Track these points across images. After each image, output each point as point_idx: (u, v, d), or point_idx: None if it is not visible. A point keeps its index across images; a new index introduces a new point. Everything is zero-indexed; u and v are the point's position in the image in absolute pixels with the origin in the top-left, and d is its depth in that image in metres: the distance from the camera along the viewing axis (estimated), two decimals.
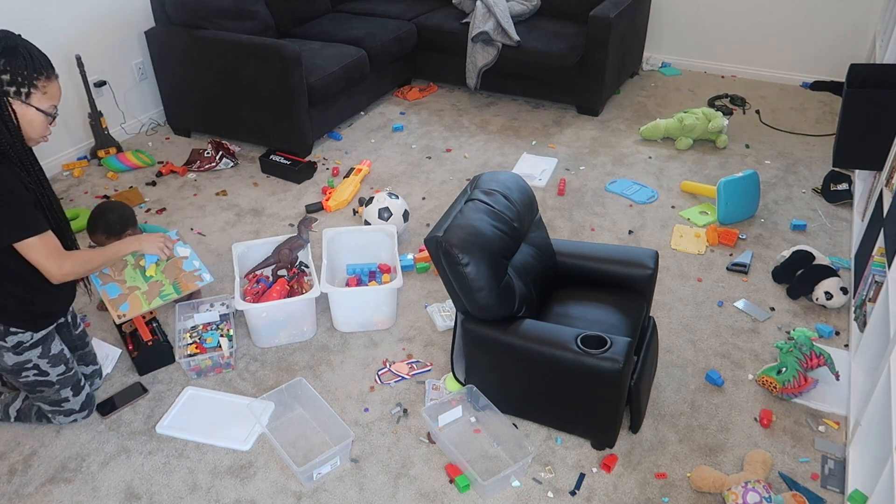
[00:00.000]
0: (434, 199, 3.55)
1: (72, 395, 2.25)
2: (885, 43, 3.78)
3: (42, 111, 1.88)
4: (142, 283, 2.30)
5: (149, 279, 2.31)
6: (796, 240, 3.19)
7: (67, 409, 2.27)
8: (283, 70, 3.58)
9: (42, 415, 2.28)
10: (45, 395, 2.20)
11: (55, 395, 2.21)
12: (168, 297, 2.28)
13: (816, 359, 2.37)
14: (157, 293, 2.28)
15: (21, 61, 1.81)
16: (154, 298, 2.28)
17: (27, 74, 1.82)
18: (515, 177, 2.34)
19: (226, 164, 3.83)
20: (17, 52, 1.81)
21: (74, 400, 2.27)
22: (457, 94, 4.71)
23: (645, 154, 3.94)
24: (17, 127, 1.85)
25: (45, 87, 1.86)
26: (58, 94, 1.92)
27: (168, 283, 2.30)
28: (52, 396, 2.21)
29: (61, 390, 2.21)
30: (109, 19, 3.89)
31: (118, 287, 2.29)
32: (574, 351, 2.01)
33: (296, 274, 2.78)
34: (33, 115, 1.87)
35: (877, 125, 2.84)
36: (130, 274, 2.32)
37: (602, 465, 2.15)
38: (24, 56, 1.82)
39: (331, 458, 2.12)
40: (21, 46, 1.83)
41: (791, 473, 2.12)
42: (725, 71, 4.96)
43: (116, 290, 2.28)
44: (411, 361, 2.56)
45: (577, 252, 2.44)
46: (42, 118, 1.89)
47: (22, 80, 1.82)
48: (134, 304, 2.26)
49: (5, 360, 2.06)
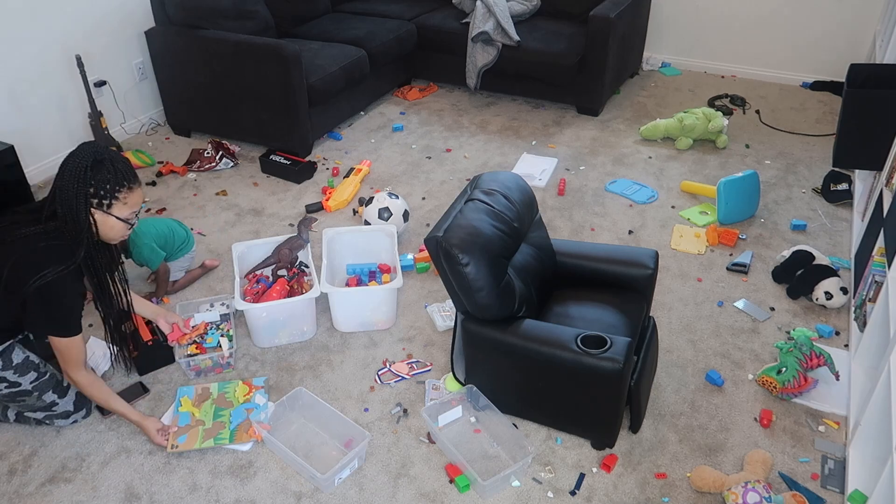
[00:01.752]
0: (434, 199, 3.55)
1: (57, 397, 2.20)
2: (885, 43, 3.78)
3: (121, 219, 2.00)
4: (209, 419, 2.29)
5: (219, 416, 2.31)
6: (796, 240, 3.19)
7: (61, 411, 2.24)
8: (283, 70, 3.58)
9: (40, 421, 2.27)
10: (30, 404, 2.17)
11: (38, 401, 2.17)
12: (221, 441, 2.23)
13: (816, 359, 2.37)
14: (214, 434, 2.25)
15: (106, 175, 1.93)
16: (208, 439, 2.23)
17: (110, 188, 1.94)
18: (515, 177, 2.34)
19: (226, 164, 3.83)
20: (103, 167, 1.93)
21: (64, 401, 2.23)
22: (457, 94, 4.71)
23: (645, 154, 3.94)
24: (97, 234, 1.99)
25: (126, 198, 1.98)
26: (139, 202, 2.03)
27: (227, 430, 2.26)
28: (37, 403, 2.18)
29: (42, 395, 2.17)
30: (109, 19, 3.89)
31: (189, 416, 2.30)
32: (574, 351, 2.01)
33: (296, 274, 2.78)
34: (113, 222, 1.99)
35: (877, 125, 2.84)
36: (206, 408, 2.34)
37: (602, 465, 2.15)
38: (109, 169, 1.94)
39: (350, 461, 2.10)
40: (107, 160, 1.95)
41: (791, 473, 2.12)
42: (725, 71, 4.96)
43: (186, 419, 2.29)
44: (411, 361, 2.56)
45: (577, 252, 2.44)
46: (121, 225, 2.01)
47: (105, 193, 1.94)
48: (191, 439, 2.23)
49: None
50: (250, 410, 2.31)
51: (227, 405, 2.34)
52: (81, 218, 1.93)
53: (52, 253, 1.93)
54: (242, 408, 2.32)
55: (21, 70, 3.51)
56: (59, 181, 1.93)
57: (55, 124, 3.76)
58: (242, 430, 2.25)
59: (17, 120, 3.55)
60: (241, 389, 2.38)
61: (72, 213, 1.92)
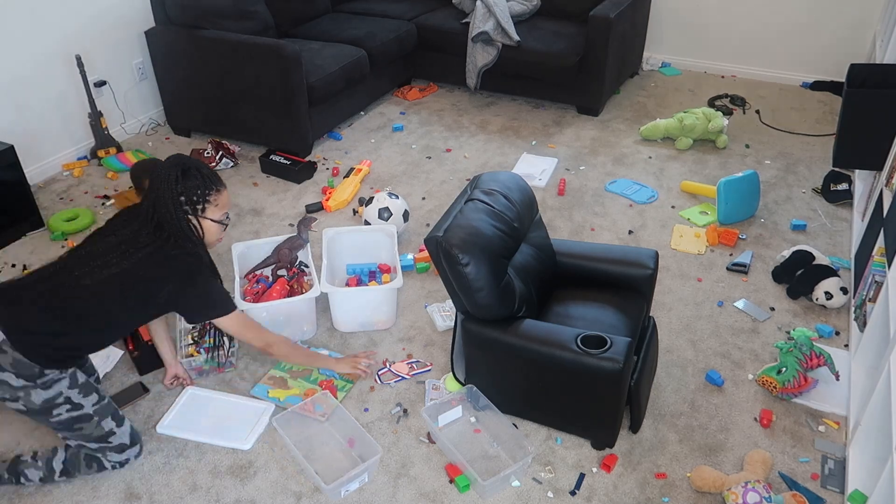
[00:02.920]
0: (434, 199, 3.55)
1: (115, 425, 2.09)
2: (885, 43, 3.78)
3: (216, 221, 2.09)
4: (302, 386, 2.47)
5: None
6: (796, 240, 3.19)
7: (117, 443, 2.10)
8: (283, 70, 3.58)
9: (92, 458, 2.10)
10: (87, 432, 2.03)
11: (97, 428, 2.04)
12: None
13: (816, 359, 2.37)
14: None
15: (195, 182, 2.01)
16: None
17: (200, 193, 2.02)
18: (515, 177, 2.34)
19: (226, 164, 3.83)
20: (190, 174, 2.01)
21: (121, 431, 2.11)
22: (457, 94, 4.71)
23: (645, 154, 3.94)
24: (202, 237, 2.08)
25: (216, 200, 2.07)
26: (228, 203, 2.13)
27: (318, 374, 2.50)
28: (95, 431, 2.04)
29: (102, 421, 2.05)
30: (109, 19, 3.89)
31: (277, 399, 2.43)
32: (574, 351, 2.01)
33: (296, 274, 2.78)
34: (209, 225, 2.08)
35: (877, 125, 2.84)
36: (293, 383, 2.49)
37: (602, 465, 2.15)
38: (196, 176, 2.02)
39: (359, 474, 2.07)
40: (192, 168, 2.02)
41: (791, 473, 2.12)
42: (725, 71, 4.96)
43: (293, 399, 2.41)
44: (411, 361, 2.56)
45: (577, 252, 2.44)
46: (217, 226, 2.10)
47: (197, 199, 2.02)
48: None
49: (34, 399, 1.92)
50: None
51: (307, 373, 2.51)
52: (184, 226, 2.00)
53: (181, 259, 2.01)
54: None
55: (21, 70, 3.51)
56: (153, 196, 2.00)
57: (55, 124, 3.76)
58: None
59: (17, 120, 3.55)
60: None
61: (175, 223, 1.99)
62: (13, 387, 1.90)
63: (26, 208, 3.29)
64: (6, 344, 1.88)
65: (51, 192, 3.65)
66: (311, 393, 2.41)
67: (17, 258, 3.14)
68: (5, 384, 1.90)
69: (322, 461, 2.18)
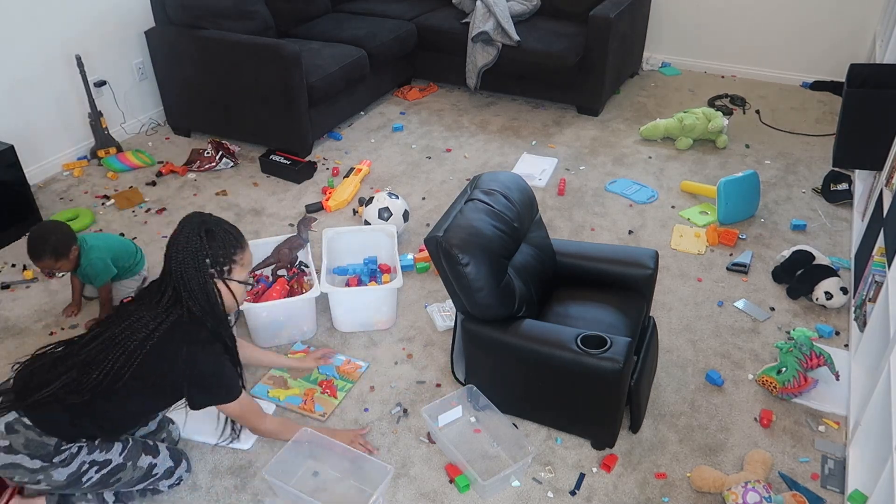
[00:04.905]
0: (434, 199, 3.55)
1: (152, 458, 1.97)
2: (885, 43, 3.77)
3: (241, 282, 1.95)
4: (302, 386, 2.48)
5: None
6: (796, 240, 3.19)
7: (162, 471, 2.00)
8: (283, 70, 3.58)
9: (145, 490, 2.02)
10: (129, 479, 1.92)
11: (135, 471, 1.93)
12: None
13: (816, 359, 2.37)
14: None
15: (219, 241, 1.88)
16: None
17: (226, 253, 1.89)
18: (515, 177, 2.34)
19: (226, 164, 3.83)
20: (214, 235, 1.88)
21: (160, 459, 1.99)
22: (457, 94, 4.71)
23: (645, 154, 3.94)
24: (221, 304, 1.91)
25: (241, 259, 1.93)
26: (251, 260, 2.00)
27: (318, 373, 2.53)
28: (135, 474, 1.93)
29: (137, 462, 1.93)
30: (109, 19, 3.89)
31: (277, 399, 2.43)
32: (574, 351, 2.01)
33: (296, 274, 2.78)
34: (234, 287, 1.94)
35: (877, 125, 2.84)
36: (293, 383, 2.49)
37: (602, 465, 2.15)
38: (220, 236, 1.89)
39: (374, 501, 1.98)
40: (214, 226, 1.89)
41: (791, 473, 2.12)
42: (725, 71, 4.96)
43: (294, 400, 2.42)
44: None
45: (577, 252, 2.44)
46: (241, 288, 1.96)
47: (224, 260, 1.89)
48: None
49: (56, 478, 1.81)
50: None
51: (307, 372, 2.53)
52: (210, 291, 1.86)
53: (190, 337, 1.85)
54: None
55: (21, 70, 3.51)
56: (175, 264, 1.85)
57: (55, 124, 3.76)
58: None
59: (17, 120, 3.55)
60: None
61: (201, 291, 1.85)
62: (30, 470, 1.78)
63: (26, 208, 3.29)
64: (19, 423, 1.77)
65: (51, 192, 3.65)
66: (312, 392, 2.41)
67: (18, 258, 3.14)
68: (21, 468, 1.77)
69: (328, 492, 2.09)
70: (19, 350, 2.64)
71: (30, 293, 2.94)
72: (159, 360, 1.82)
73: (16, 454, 1.77)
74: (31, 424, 1.78)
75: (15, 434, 1.77)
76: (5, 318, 2.81)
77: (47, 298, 2.89)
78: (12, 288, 2.97)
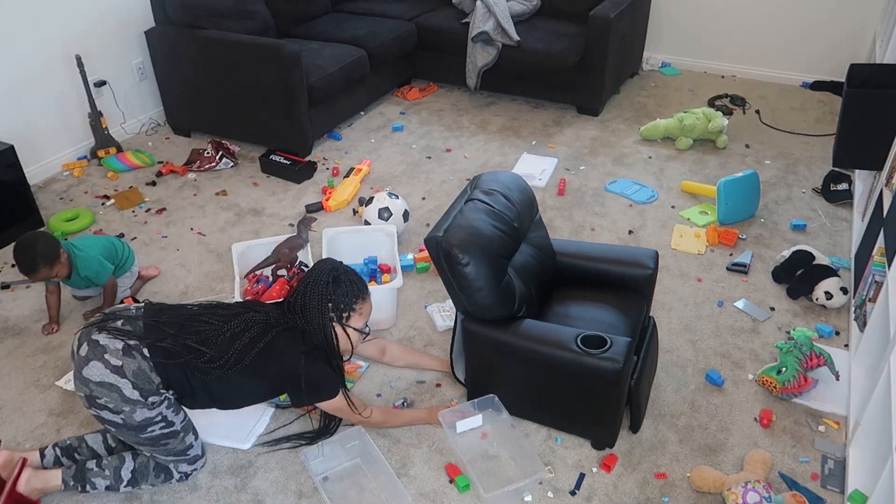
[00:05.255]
0: (434, 199, 3.55)
1: (194, 439, 2.10)
2: (885, 43, 3.78)
3: (358, 330, 2.07)
4: None
5: None
6: (796, 240, 3.19)
7: (192, 455, 2.10)
8: (283, 70, 3.58)
9: (161, 468, 2.08)
10: (171, 447, 2.03)
11: (181, 443, 2.04)
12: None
13: (816, 359, 2.37)
14: None
15: (345, 289, 2.02)
16: None
17: (348, 301, 2.02)
18: (515, 177, 2.34)
19: (226, 164, 3.83)
20: (340, 282, 2.01)
21: (197, 444, 2.12)
22: (457, 94, 4.71)
23: (645, 154, 3.94)
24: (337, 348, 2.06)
25: (361, 309, 2.06)
26: (370, 311, 2.11)
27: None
28: (178, 446, 2.04)
29: (185, 437, 2.05)
30: (109, 19, 3.89)
31: None
32: (574, 351, 2.01)
33: (296, 274, 2.78)
34: (350, 333, 2.06)
35: (877, 125, 2.84)
36: None
37: (602, 465, 2.15)
38: (346, 283, 2.02)
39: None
40: (343, 276, 2.03)
41: (791, 473, 2.12)
42: (725, 71, 4.96)
43: None
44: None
45: (577, 252, 2.44)
46: (357, 335, 2.08)
47: (344, 307, 2.02)
48: None
49: (136, 416, 1.91)
50: None
51: None
52: (328, 333, 2.01)
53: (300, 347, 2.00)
54: None
55: (21, 70, 3.51)
56: (301, 302, 2.00)
57: (55, 124, 3.76)
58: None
59: (17, 120, 3.55)
60: None
61: (319, 330, 2.00)
62: (125, 398, 1.88)
63: (26, 208, 3.29)
64: (138, 350, 1.89)
65: (51, 192, 3.65)
66: None
67: None
68: (117, 392, 1.87)
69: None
70: (19, 350, 2.64)
71: (30, 293, 2.94)
72: (271, 353, 1.96)
73: (122, 377, 1.87)
74: (149, 356, 1.89)
75: (130, 359, 1.88)
76: (5, 318, 2.81)
77: None
78: (12, 288, 2.97)
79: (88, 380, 1.87)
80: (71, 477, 2.04)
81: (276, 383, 2.04)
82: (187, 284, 2.97)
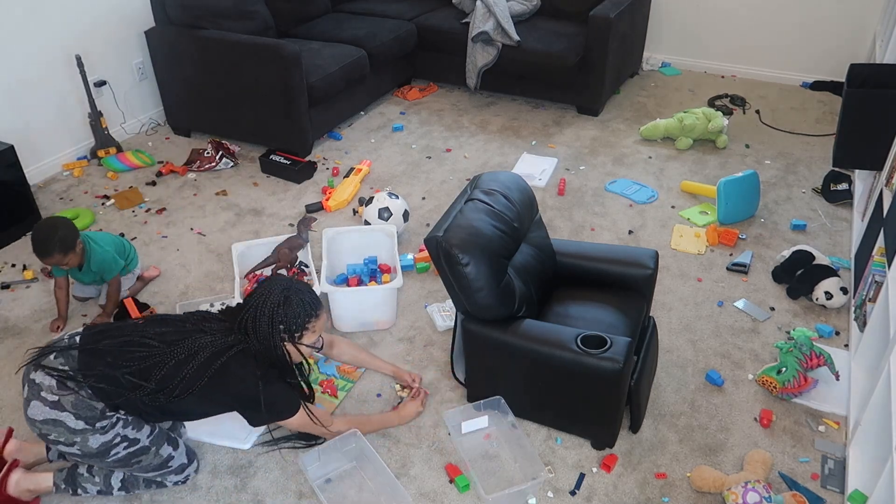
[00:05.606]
0: (434, 199, 3.55)
1: (172, 449, 2.04)
2: (885, 43, 3.78)
3: (310, 346, 2.04)
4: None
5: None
6: (796, 240, 3.19)
7: (176, 465, 2.06)
8: (283, 70, 3.58)
9: (151, 481, 2.07)
10: (147, 463, 1.99)
11: (155, 457, 1.99)
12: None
13: (816, 359, 2.37)
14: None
15: (296, 310, 1.96)
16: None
17: (300, 322, 1.97)
18: (515, 177, 2.34)
19: (226, 164, 3.83)
20: (291, 303, 1.96)
21: (178, 453, 2.06)
22: (457, 94, 4.71)
23: (645, 154, 3.94)
24: (290, 364, 2.03)
25: (313, 327, 2.02)
26: (322, 327, 2.07)
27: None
28: (154, 461, 2.00)
29: (159, 449, 2.00)
30: (109, 19, 3.89)
31: None
32: (574, 351, 2.01)
33: (296, 274, 2.78)
34: (302, 349, 2.03)
35: (877, 125, 2.84)
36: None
37: (602, 465, 2.15)
38: (297, 304, 1.97)
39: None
40: (293, 294, 1.97)
41: (791, 473, 2.12)
42: (725, 71, 4.96)
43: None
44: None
45: (577, 252, 2.44)
46: (308, 350, 2.06)
47: (296, 327, 1.97)
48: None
49: (91, 444, 1.87)
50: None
51: None
52: (279, 353, 1.97)
53: (252, 368, 1.95)
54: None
55: (21, 70, 3.51)
56: (251, 321, 1.94)
57: (55, 124, 3.76)
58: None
59: (17, 120, 3.55)
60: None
61: (271, 351, 1.95)
62: (71, 430, 1.85)
63: (26, 208, 3.29)
64: (73, 381, 1.85)
65: (51, 192, 3.65)
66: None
67: (18, 258, 3.14)
68: (62, 426, 1.84)
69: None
70: (19, 350, 2.64)
71: (30, 293, 2.94)
72: (223, 378, 1.91)
73: (62, 411, 1.84)
74: (85, 384, 1.85)
75: (66, 391, 1.84)
76: (5, 318, 2.81)
77: (47, 298, 2.89)
78: (12, 288, 2.97)
79: (34, 420, 1.86)
80: (62, 480, 2.04)
81: (234, 406, 1.99)
82: (187, 284, 2.97)
